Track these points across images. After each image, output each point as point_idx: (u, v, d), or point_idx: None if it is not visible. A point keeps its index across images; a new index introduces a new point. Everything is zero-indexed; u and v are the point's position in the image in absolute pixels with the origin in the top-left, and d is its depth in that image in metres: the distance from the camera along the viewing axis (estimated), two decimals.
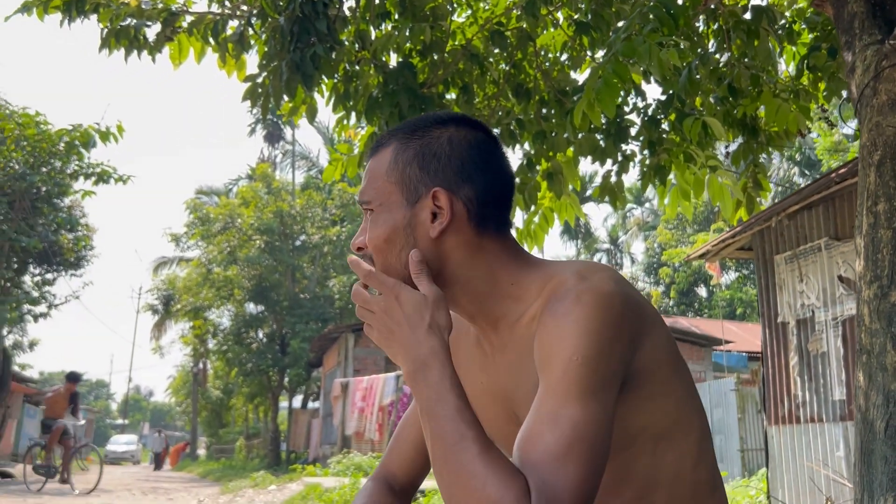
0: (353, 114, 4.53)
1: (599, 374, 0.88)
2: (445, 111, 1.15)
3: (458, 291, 1.03)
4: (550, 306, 0.94)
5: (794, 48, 4.67)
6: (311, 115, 4.60)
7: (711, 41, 4.60)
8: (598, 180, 5.00)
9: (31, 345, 25.74)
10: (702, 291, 26.89)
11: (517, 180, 4.70)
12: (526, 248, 4.89)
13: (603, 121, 4.39)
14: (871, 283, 2.47)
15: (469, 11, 4.75)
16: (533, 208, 4.77)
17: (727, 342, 15.85)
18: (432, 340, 0.94)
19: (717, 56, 4.41)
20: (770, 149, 4.93)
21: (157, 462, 28.35)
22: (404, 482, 1.20)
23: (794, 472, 5.69)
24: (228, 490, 11.04)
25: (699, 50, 4.33)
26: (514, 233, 4.85)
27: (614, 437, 0.93)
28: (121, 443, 37.33)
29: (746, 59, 4.33)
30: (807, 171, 23.11)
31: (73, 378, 11.15)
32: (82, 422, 11.15)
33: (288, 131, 30.94)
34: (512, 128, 4.63)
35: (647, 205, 31.56)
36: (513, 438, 1.01)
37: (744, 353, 16.00)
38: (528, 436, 0.87)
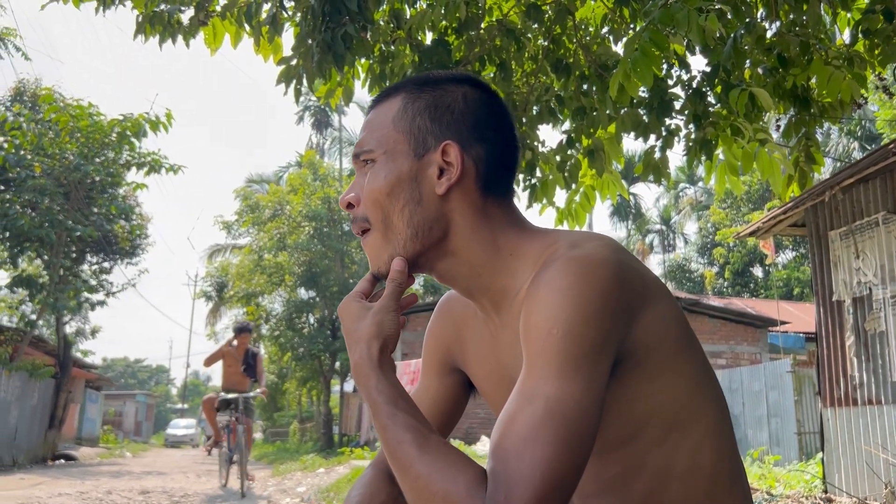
0: None
1: (582, 347, 0.78)
2: (458, 70, 1.07)
3: (458, 263, 0.96)
4: (536, 276, 0.85)
5: (848, 14, 4.46)
6: (348, 97, 4.57)
7: (760, 10, 4.43)
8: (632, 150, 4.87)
9: (93, 332, 26.47)
10: (757, 272, 26.30)
11: (557, 158, 4.60)
12: (567, 227, 4.80)
13: (645, 95, 4.27)
14: None
15: None
16: (574, 187, 4.67)
17: (783, 322, 15.45)
18: (360, 350, 0.90)
19: (765, 24, 4.23)
20: (825, 122, 4.73)
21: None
22: None
23: (851, 457, 5.48)
24: (279, 473, 11.19)
25: (746, 19, 4.16)
26: (553, 212, 4.73)
27: (619, 425, 0.86)
28: (180, 427, 38.31)
29: (797, 28, 4.15)
30: (867, 146, 22.30)
31: (242, 330, 8.41)
32: (256, 392, 8.33)
33: (335, 118, 31.13)
34: (552, 105, 4.53)
35: (699, 184, 30.95)
36: None
37: (801, 334, 15.61)
38: (503, 418, 0.79)
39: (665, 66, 4.27)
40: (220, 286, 26.60)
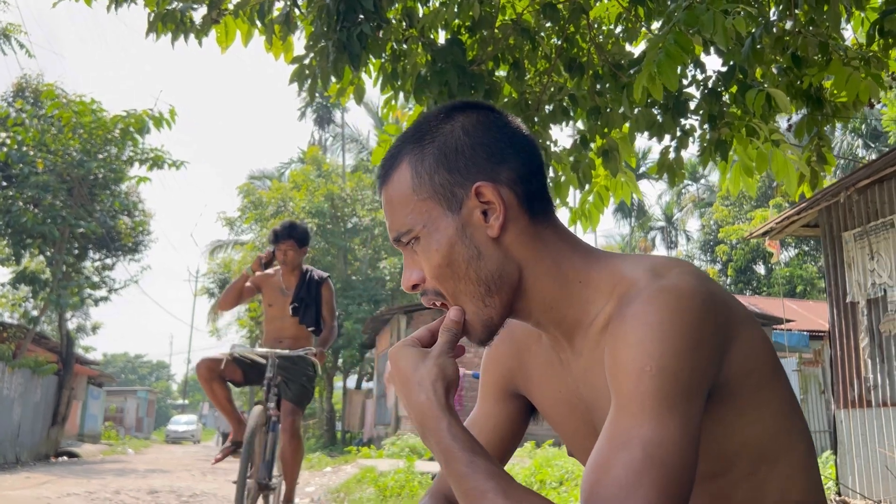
0: (402, 94, 4.46)
1: (678, 385, 0.75)
2: (440, 105, 1.02)
3: (530, 299, 0.92)
4: (620, 310, 0.81)
5: (862, 14, 4.43)
6: (359, 95, 4.54)
7: (773, 8, 4.39)
8: (652, 156, 4.85)
9: (94, 328, 26.48)
10: (760, 269, 26.27)
11: (571, 158, 4.57)
12: (580, 227, 4.77)
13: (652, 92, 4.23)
14: None
15: None
16: (587, 187, 4.64)
17: (788, 321, 15.43)
18: (425, 393, 0.86)
19: (782, 24, 4.20)
20: (837, 122, 4.71)
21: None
22: None
23: (865, 459, 5.46)
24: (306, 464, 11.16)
25: (760, 18, 4.13)
26: (566, 213, 4.70)
27: (708, 461, 0.81)
28: (181, 423, 38.32)
29: (812, 28, 4.12)
30: (871, 143, 22.26)
31: (286, 235, 4.51)
32: (305, 350, 4.32)
33: (338, 114, 31.09)
34: (565, 104, 4.49)
35: (702, 181, 30.91)
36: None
37: (805, 332, 15.57)
38: (596, 463, 0.75)
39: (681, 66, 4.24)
40: (223, 282, 26.58)
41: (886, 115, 14.90)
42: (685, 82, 4.35)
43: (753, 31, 3.83)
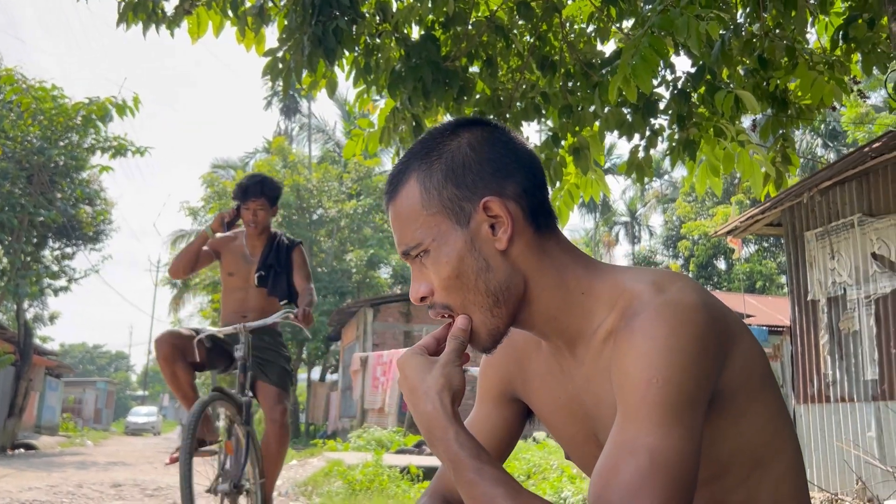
0: (374, 88, 4.45)
1: (683, 396, 0.79)
2: (443, 122, 1.04)
3: (535, 310, 0.95)
4: (626, 323, 0.85)
5: (826, 18, 4.52)
6: (332, 89, 4.52)
7: (740, 11, 4.47)
8: (617, 152, 4.91)
9: (52, 318, 25.99)
10: (721, 265, 26.69)
11: (542, 156, 4.61)
12: None
13: (624, 93, 4.28)
14: None
15: None
16: (558, 185, 4.68)
17: (748, 316, 15.71)
18: (431, 402, 0.89)
19: (751, 27, 4.28)
20: (799, 122, 4.81)
21: None
22: None
23: (823, 452, 5.61)
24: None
25: (729, 22, 4.20)
26: None
27: (705, 466, 0.85)
28: (141, 414, 37.79)
29: (778, 30, 4.20)
30: (830, 143, 22.74)
31: (254, 192, 3.81)
32: (282, 314, 3.51)
33: (304, 104, 30.83)
34: (537, 102, 4.52)
35: (665, 177, 31.28)
36: (591, 458, 0.94)
37: (764, 327, 15.87)
38: (603, 469, 0.79)
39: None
40: None
41: (845, 116, 15.23)
42: (655, 83, 4.41)
43: (723, 33, 3.90)
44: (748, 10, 4.39)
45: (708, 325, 0.83)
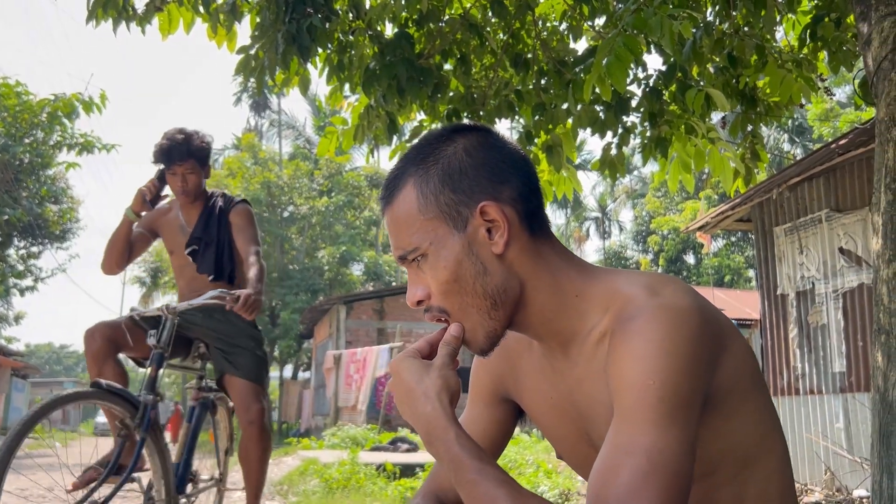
0: (347, 85, 4.44)
1: (679, 397, 0.81)
2: (438, 128, 1.06)
3: (530, 312, 0.97)
4: (622, 326, 0.86)
5: (792, 16, 4.59)
6: (304, 86, 4.50)
7: (709, 9, 4.52)
8: (587, 148, 4.95)
9: (17, 318, 25.55)
10: (690, 259, 26.99)
11: None
12: None
13: (598, 91, 4.31)
14: (890, 261, 2.42)
15: None
16: None
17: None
18: (431, 404, 0.90)
19: (721, 26, 4.33)
20: (768, 119, 4.88)
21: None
22: (457, 496, 1.14)
23: (793, 443, 5.71)
24: None
25: (699, 18, 4.25)
26: None
27: (696, 464, 0.87)
28: None
29: (746, 28, 4.26)
30: (796, 139, 23.08)
31: (179, 154, 3.13)
32: (216, 293, 2.75)
33: (274, 100, 30.59)
34: (511, 99, 4.54)
35: (635, 173, 31.54)
36: (584, 458, 0.96)
37: (733, 321, 16.05)
38: (601, 469, 0.80)
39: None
40: (155, 271, 25.94)
41: (811, 113, 15.48)
42: (627, 81, 4.44)
43: (694, 31, 3.94)
44: (717, 8, 4.44)
45: (702, 327, 0.85)
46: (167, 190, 3.28)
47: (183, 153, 3.16)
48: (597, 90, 3.04)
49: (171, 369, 2.97)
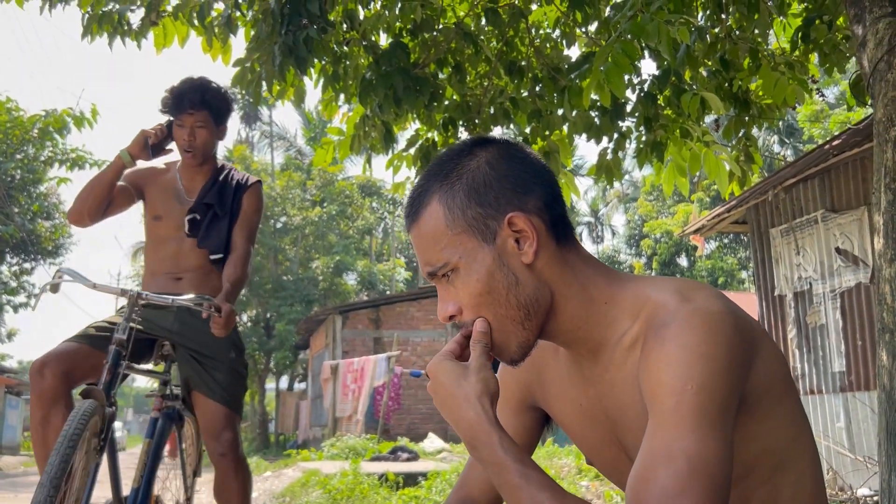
0: (343, 95, 4.45)
1: (716, 402, 0.81)
2: (457, 142, 1.08)
3: (561, 320, 0.98)
4: (657, 332, 0.87)
5: (783, 19, 4.63)
6: (300, 97, 4.51)
7: (700, 13, 4.55)
8: (578, 153, 4.97)
9: (10, 335, 25.43)
10: (683, 262, 27.07)
11: None
12: None
13: (595, 98, 4.34)
14: (892, 260, 2.44)
15: None
16: None
17: None
18: (473, 408, 0.91)
19: (714, 30, 4.36)
20: (761, 122, 4.91)
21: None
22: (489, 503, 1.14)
23: None
24: None
25: (692, 26, 4.27)
26: None
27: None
28: None
29: (737, 32, 4.29)
30: (786, 139, 23.21)
31: (188, 101, 2.67)
32: (195, 298, 2.34)
33: (265, 112, 30.57)
34: (506, 107, 4.56)
35: (626, 177, 31.65)
36: (615, 463, 0.96)
37: None
38: (640, 474, 0.81)
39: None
40: None
41: (801, 113, 15.57)
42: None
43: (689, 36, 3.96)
44: (708, 12, 4.47)
45: (735, 331, 0.86)
46: (173, 146, 2.77)
47: (195, 101, 2.68)
48: (593, 96, 3.06)
49: (130, 373, 2.41)
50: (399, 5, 3.94)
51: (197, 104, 2.67)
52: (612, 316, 0.96)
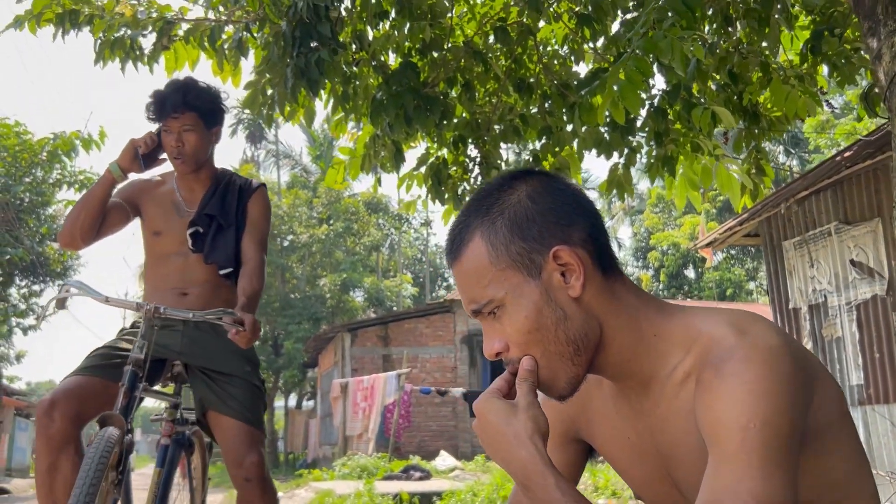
0: (353, 115, 4.46)
1: (780, 440, 0.80)
2: (496, 177, 1.06)
3: (610, 353, 0.96)
4: (715, 368, 0.85)
5: (791, 32, 4.63)
6: (310, 119, 4.53)
7: (707, 27, 4.56)
8: (583, 166, 4.96)
9: (19, 357, 25.48)
10: (690, 273, 26.99)
11: None
12: None
13: (606, 114, 4.34)
14: None
15: (466, 8, 4.67)
16: None
17: None
18: (526, 448, 0.89)
19: (725, 45, 4.36)
20: (771, 134, 4.91)
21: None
22: None
23: None
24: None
25: (700, 41, 4.28)
26: None
27: None
28: None
29: (745, 45, 4.30)
30: (792, 150, 23.19)
31: (175, 103, 2.44)
32: (217, 312, 2.20)
33: (270, 131, 30.73)
34: (516, 124, 4.57)
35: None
36: (664, 498, 0.94)
37: None
38: None
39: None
40: None
41: (807, 124, 15.56)
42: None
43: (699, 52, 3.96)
44: (715, 26, 4.47)
45: (795, 366, 0.85)
46: (165, 156, 2.56)
47: (178, 103, 2.44)
48: (612, 115, 3.05)
49: (147, 395, 2.25)
50: (408, 25, 3.96)
51: (180, 106, 2.45)
52: (661, 349, 0.94)
